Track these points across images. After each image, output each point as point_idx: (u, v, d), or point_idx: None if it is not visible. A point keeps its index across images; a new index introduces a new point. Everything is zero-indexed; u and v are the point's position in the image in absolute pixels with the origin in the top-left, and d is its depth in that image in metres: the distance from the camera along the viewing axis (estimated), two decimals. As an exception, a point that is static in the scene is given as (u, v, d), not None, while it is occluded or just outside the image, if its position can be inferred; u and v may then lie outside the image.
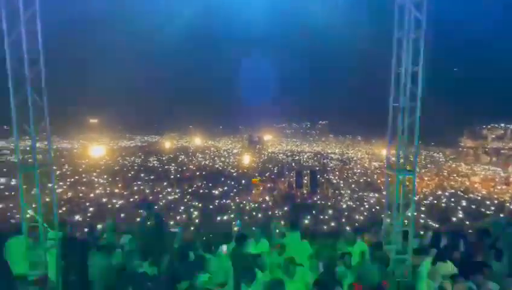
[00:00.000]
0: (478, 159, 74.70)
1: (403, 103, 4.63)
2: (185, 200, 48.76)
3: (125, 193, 49.28)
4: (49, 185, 4.98)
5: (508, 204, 48.94)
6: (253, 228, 6.34)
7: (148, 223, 6.15)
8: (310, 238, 5.86)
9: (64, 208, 35.64)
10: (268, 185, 61.72)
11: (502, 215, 27.08)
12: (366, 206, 52.11)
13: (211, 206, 46.54)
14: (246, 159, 69.71)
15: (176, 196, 50.29)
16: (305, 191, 61.11)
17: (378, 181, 61.34)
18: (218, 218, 41.15)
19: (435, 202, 52.75)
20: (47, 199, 5.12)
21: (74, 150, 69.84)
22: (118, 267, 4.80)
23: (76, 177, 53.04)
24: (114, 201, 45.30)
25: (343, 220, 44.30)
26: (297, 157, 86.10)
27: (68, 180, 50.25)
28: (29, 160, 4.69)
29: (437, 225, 23.80)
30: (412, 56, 4.51)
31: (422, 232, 6.77)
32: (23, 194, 4.38)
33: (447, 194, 56.66)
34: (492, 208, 48.32)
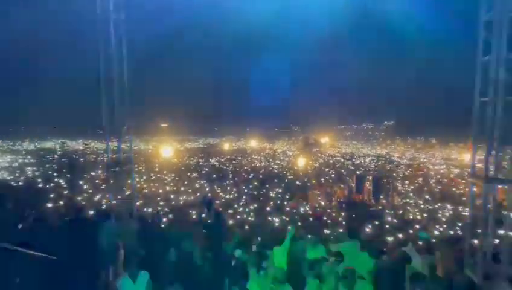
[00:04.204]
0: None
1: (490, 96, 3.91)
2: (242, 200, 50.49)
3: (189, 190, 53.93)
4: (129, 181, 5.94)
5: None
6: (307, 234, 6.16)
7: (208, 220, 6.59)
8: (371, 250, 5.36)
9: (141, 201, 40.95)
10: (328, 190, 59.39)
11: None
12: (443, 219, 45.15)
13: (267, 208, 47.00)
14: (301, 162, 68.37)
15: (231, 196, 52.52)
16: (365, 198, 56.62)
17: (458, 192, 52.54)
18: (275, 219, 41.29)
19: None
20: (128, 192, 6.04)
21: (149, 151, 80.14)
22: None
23: (150, 174, 60.63)
24: (180, 198, 50.04)
25: (410, 231, 39.43)
26: (358, 161, 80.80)
27: (144, 177, 57.70)
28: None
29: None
30: (508, 40, 3.83)
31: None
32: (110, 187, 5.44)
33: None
34: None
